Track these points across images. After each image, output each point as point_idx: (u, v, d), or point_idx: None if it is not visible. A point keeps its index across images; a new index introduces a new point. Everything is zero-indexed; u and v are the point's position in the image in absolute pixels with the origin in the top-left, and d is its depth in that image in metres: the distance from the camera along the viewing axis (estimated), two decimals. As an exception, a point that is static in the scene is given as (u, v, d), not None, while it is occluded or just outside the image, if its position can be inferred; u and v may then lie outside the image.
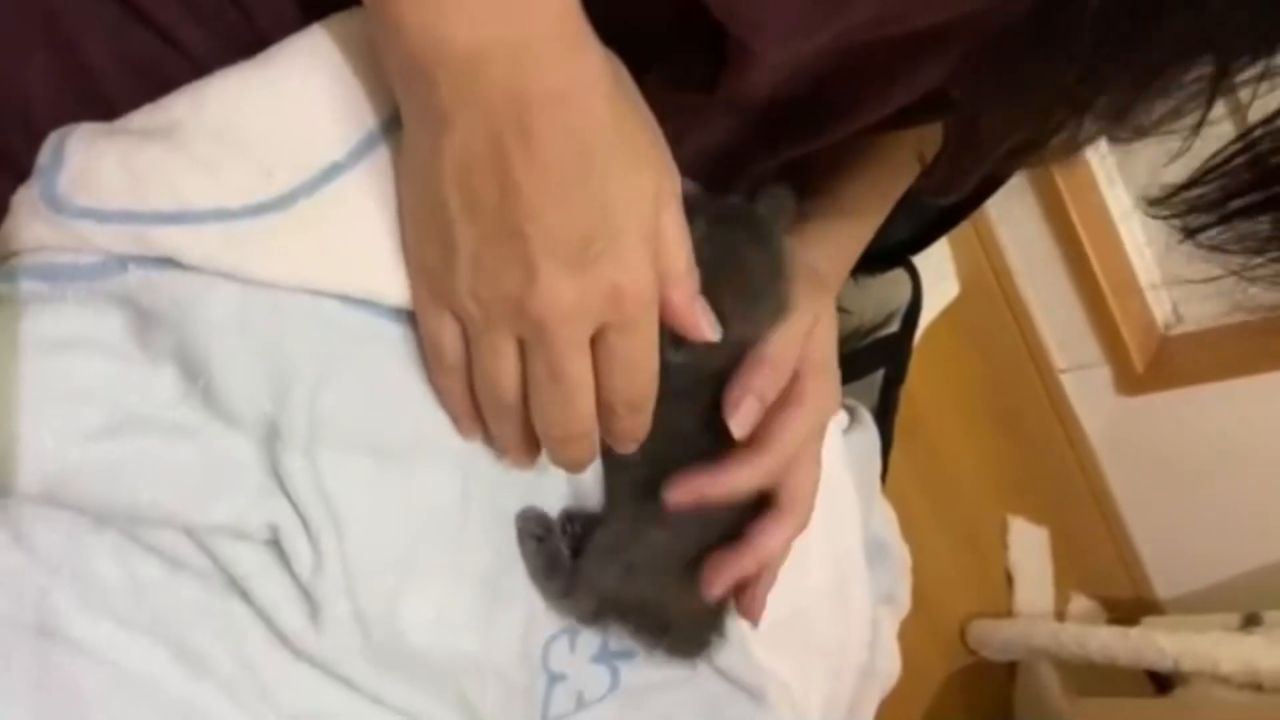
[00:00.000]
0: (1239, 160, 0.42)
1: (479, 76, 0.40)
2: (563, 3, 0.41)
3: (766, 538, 0.56)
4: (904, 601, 0.83)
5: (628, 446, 0.52)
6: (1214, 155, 0.43)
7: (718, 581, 0.55)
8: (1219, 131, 0.43)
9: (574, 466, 0.52)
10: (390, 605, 0.49)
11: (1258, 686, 1.44)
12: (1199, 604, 2.01)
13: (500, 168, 0.42)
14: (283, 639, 0.48)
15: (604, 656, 0.59)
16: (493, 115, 0.41)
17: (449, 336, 0.48)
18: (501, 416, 0.49)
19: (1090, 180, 1.86)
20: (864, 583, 0.77)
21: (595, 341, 0.46)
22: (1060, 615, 1.98)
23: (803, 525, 0.58)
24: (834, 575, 0.72)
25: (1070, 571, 2.02)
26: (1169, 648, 1.53)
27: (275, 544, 0.47)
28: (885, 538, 0.83)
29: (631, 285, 0.44)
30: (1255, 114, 0.41)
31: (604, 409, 0.49)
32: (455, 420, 0.51)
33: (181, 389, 0.46)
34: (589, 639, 0.58)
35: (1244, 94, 0.40)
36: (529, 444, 0.51)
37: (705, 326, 0.48)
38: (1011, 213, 1.84)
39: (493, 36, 0.40)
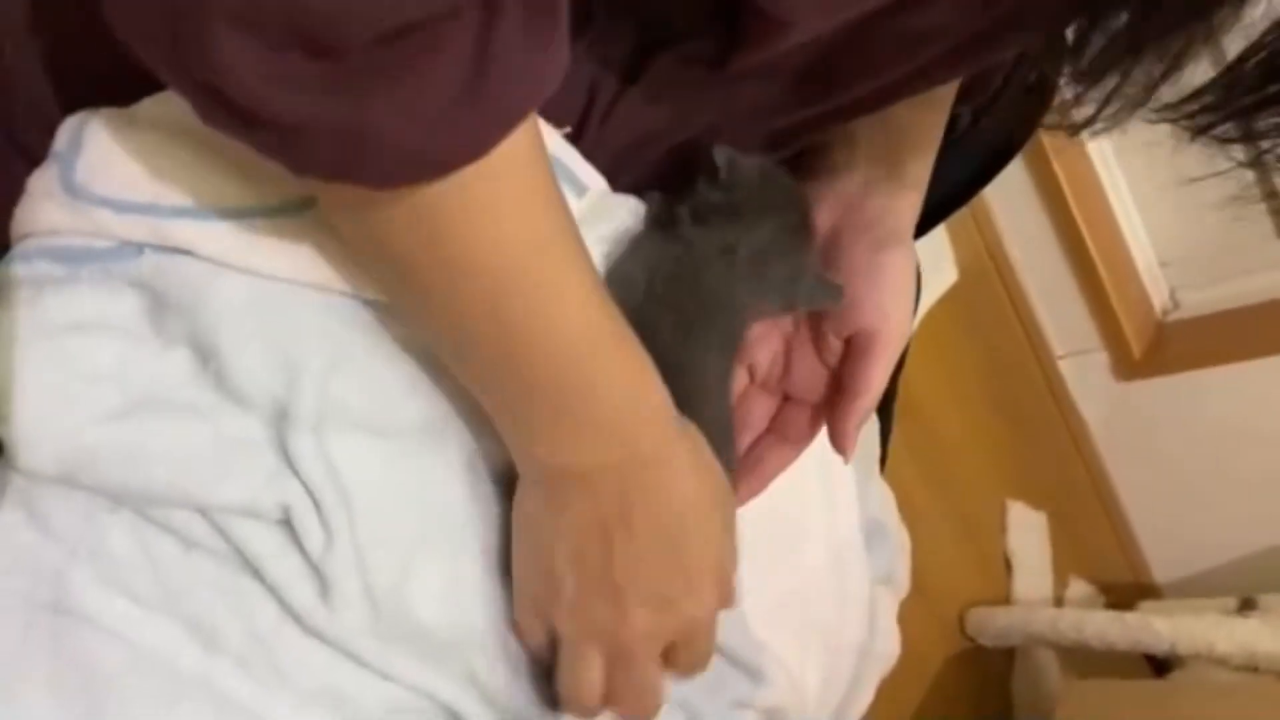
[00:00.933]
0: (1252, 61, 0.44)
1: (593, 481, 0.50)
2: (658, 420, 0.51)
3: (873, 379, 0.59)
4: (903, 582, 0.83)
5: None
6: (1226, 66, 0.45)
7: (848, 434, 0.60)
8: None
9: None
10: (399, 582, 0.50)
11: (1253, 668, 1.45)
12: (1196, 588, 2.02)
13: (605, 541, 0.51)
14: (295, 616, 0.49)
15: None
16: (601, 506, 0.51)
17: (534, 634, 0.55)
18: (581, 710, 0.55)
19: (1088, 167, 1.86)
20: (861, 563, 0.77)
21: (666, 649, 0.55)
22: (1058, 600, 1.98)
23: (898, 351, 0.61)
24: (831, 555, 0.72)
25: (1068, 556, 2.03)
26: (1165, 631, 1.54)
27: (287, 524, 0.48)
28: (883, 518, 0.83)
29: (701, 615, 0.54)
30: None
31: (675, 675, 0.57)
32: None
33: (194, 371, 0.47)
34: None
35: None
36: None
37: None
38: (1009, 200, 1.84)
39: (604, 460, 0.50)
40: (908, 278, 0.62)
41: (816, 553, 0.70)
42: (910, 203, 0.64)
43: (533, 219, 0.45)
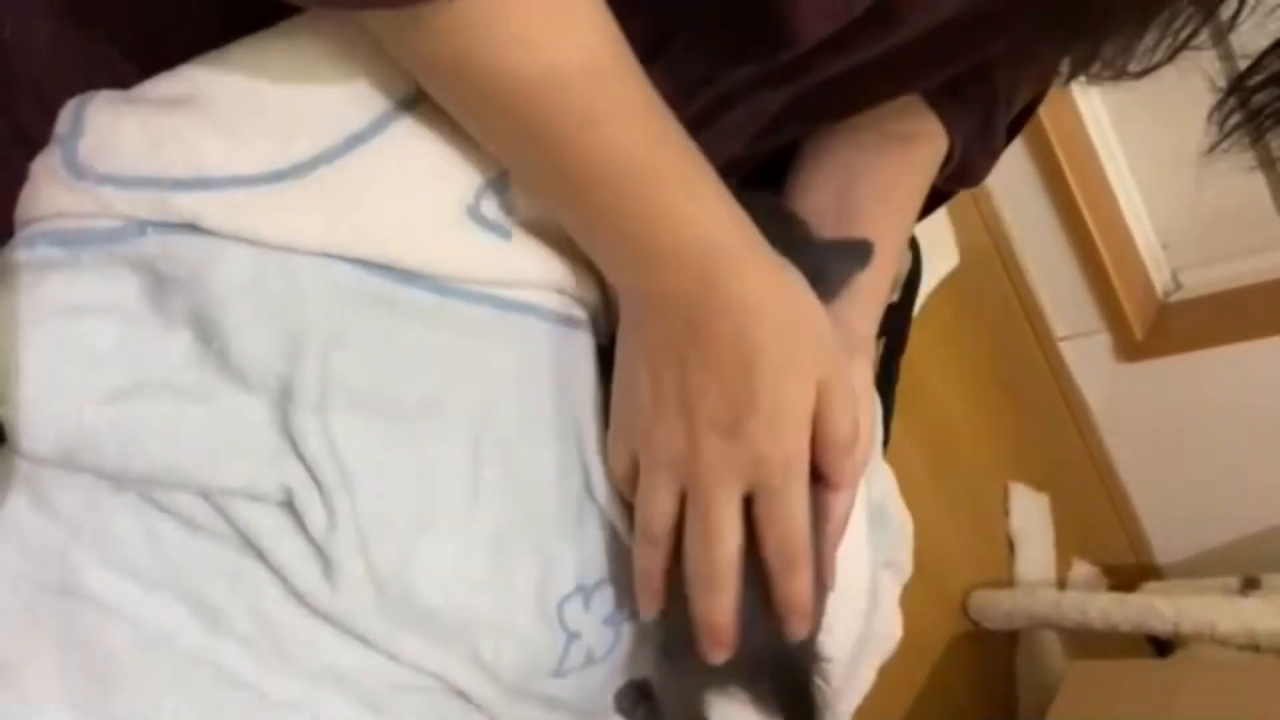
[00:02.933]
0: None
1: (668, 305, 0.51)
2: (735, 251, 0.51)
3: (837, 507, 0.58)
4: (906, 566, 0.82)
5: (795, 623, 0.55)
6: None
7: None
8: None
9: (712, 622, 0.54)
10: (403, 564, 0.50)
11: (1255, 647, 1.45)
12: (1198, 569, 2.02)
13: (680, 365, 0.52)
14: (299, 597, 0.49)
15: (614, 619, 0.59)
16: (676, 329, 0.51)
17: (621, 467, 0.56)
18: (649, 544, 0.55)
19: (1089, 149, 1.86)
20: (862, 549, 0.77)
21: (749, 501, 0.53)
22: (1061, 582, 1.99)
23: (863, 468, 0.61)
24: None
25: (1071, 538, 2.03)
26: (1168, 612, 1.54)
27: (289, 505, 0.48)
28: (885, 503, 0.83)
29: (774, 456, 0.52)
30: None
31: (767, 564, 0.54)
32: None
33: (196, 352, 0.47)
34: (602, 600, 0.58)
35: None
36: (659, 579, 0.56)
37: (844, 481, 0.56)
38: (1011, 183, 1.84)
39: (677, 285, 0.50)
40: (865, 392, 0.62)
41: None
42: (864, 310, 0.64)
43: (563, 40, 0.46)
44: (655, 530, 0.54)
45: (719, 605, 0.54)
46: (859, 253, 0.60)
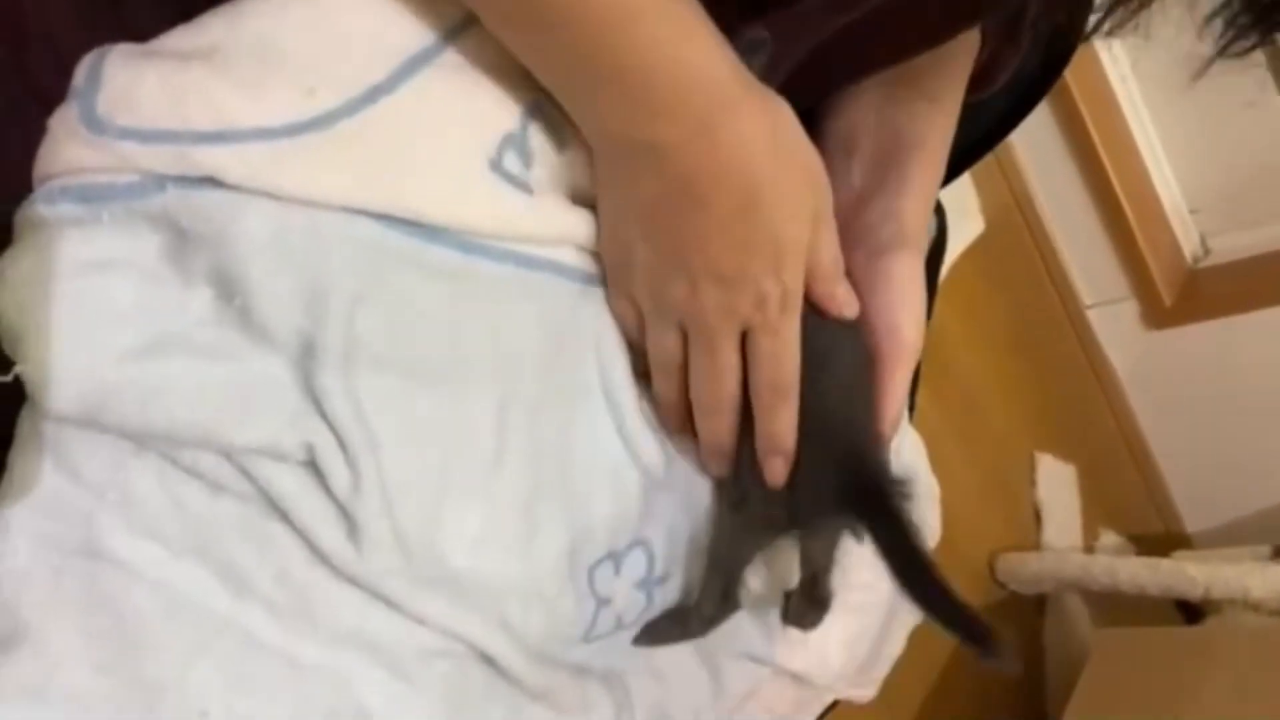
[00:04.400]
0: None
1: (657, 152, 0.49)
2: (721, 91, 0.48)
3: (885, 404, 0.58)
4: (934, 528, 0.82)
5: (775, 465, 0.56)
6: None
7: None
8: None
9: (715, 441, 0.58)
10: (430, 527, 0.50)
11: (1288, 613, 1.44)
12: (1227, 538, 2.01)
13: (674, 213, 0.51)
14: (324, 560, 0.48)
15: (646, 583, 0.59)
16: (668, 177, 0.49)
17: (626, 313, 0.56)
18: (663, 375, 0.57)
19: (1117, 113, 1.84)
20: None
21: (745, 338, 0.54)
22: (1089, 551, 1.98)
23: (911, 366, 0.59)
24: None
25: (1098, 508, 2.02)
26: (1199, 576, 1.53)
27: (313, 465, 0.48)
28: (915, 466, 0.83)
29: (773, 295, 0.52)
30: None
31: (755, 398, 0.56)
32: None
33: (217, 309, 0.47)
34: (634, 564, 0.58)
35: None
36: (682, 407, 0.58)
37: (844, 305, 0.56)
38: (1036, 148, 1.82)
39: (664, 131, 0.48)
40: (913, 283, 0.59)
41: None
42: (914, 206, 0.61)
43: None
44: (668, 364, 0.56)
45: (720, 436, 0.57)
46: (757, 46, 0.55)
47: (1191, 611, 1.79)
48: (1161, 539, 2.08)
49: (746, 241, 0.51)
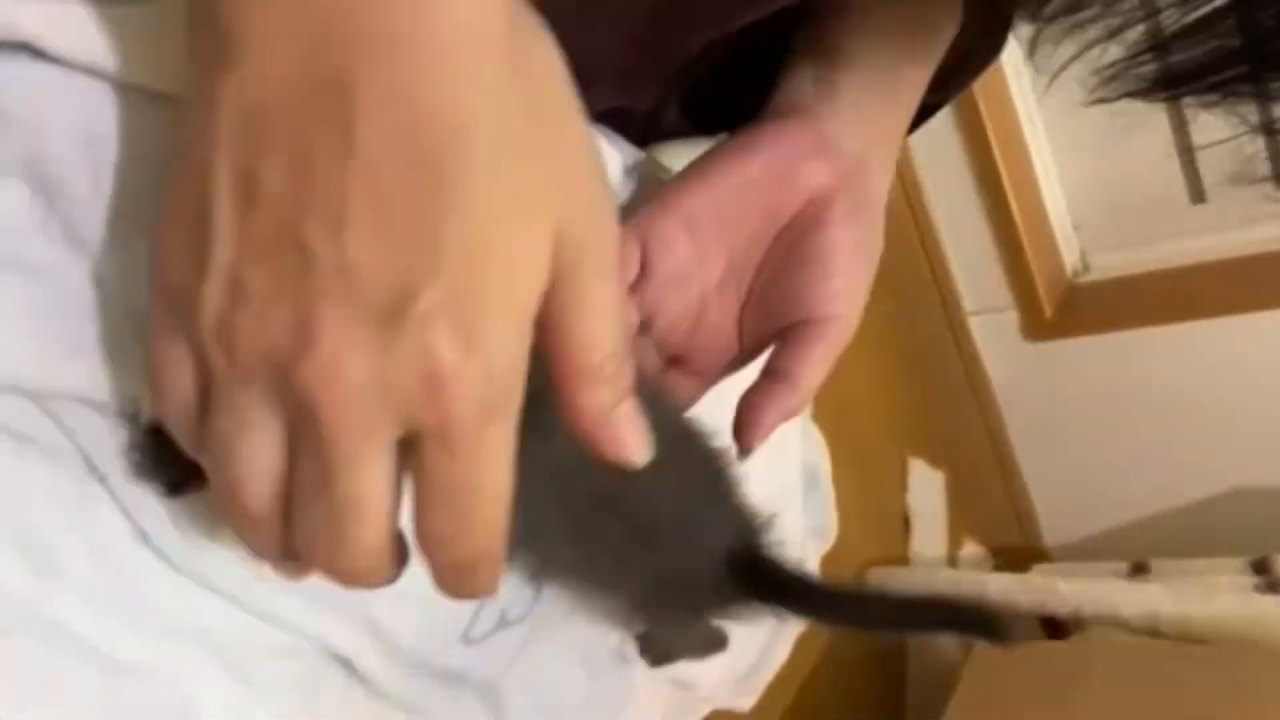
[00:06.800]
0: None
1: (278, 49, 0.27)
2: None
3: (807, 375, 0.48)
4: (831, 532, 0.80)
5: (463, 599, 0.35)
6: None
7: (761, 426, 0.47)
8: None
9: (360, 587, 0.34)
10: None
11: (1155, 631, 1.46)
12: (1085, 553, 2.05)
13: (299, 138, 0.27)
14: (143, 538, 0.39)
15: (535, 575, 0.54)
16: (305, 59, 0.27)
17: (180, 381, 0.31)
18: (241, 519, 0.32)
19: (1015, 124, 1.84)
20: (797, 516, 0.72)
21: (408, 449, 0.31)
22: (952, 560, 1.99)
23: (842, 346, 0.50)
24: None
25: (964, 516, 2.03)
26: (1069, 593, 1.54)
27: (138, 420, 0.39)
28: (817, 465, 0.80)
29: (465, 375, 0.29)
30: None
31: (424, 547, 0.32)
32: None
33: (33, 213, 0.37)
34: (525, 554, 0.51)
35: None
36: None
37: (631, 448, 0.34)
38: (934, 149, 1.82)
39: (299, 18, 0.27)
40: (858, 257, 0.51)
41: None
42: (848, 130, 0.51)
43: None
44: (253, 500, 0.31)
45: (372, 585, 0.33)
46: None
47: (1055, 627, 1.80)
48: (1021, 551, 2.11)
49: (421, 243, 0.28)
